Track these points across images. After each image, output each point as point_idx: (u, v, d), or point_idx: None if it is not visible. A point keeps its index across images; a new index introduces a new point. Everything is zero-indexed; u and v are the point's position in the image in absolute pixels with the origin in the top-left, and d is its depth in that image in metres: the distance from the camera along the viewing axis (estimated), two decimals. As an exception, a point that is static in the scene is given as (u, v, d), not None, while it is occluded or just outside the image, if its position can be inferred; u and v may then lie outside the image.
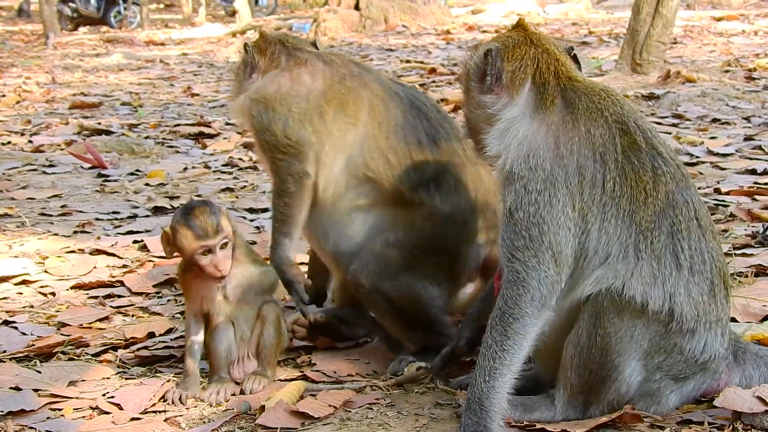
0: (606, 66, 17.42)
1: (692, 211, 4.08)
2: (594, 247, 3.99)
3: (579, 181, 4.00)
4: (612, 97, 4.19)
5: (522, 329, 3.98)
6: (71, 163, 10.88)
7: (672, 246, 4.01)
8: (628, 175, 4.02)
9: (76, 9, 42.83)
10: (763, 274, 5.93)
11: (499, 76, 4.16)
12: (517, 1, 37.38)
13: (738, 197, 7.93)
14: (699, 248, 4.05)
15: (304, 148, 5.01)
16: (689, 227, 4.04)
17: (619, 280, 3.97)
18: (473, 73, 4.23)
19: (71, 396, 4.65)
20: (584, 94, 4.15)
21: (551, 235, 3.96)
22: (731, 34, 25.58)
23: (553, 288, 3.99)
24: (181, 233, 4.58)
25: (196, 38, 34.88)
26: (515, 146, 4.08)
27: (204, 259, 4.58)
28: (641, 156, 4.07)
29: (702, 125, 11.93)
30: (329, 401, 4.44)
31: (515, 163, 4.05)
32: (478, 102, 4.23)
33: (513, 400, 4.13)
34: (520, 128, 4.11)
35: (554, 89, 4.15)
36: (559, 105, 4.12)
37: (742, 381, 4.25)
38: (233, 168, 10.55)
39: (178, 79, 21.16)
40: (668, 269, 3.99)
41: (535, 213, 3.97)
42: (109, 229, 7.91)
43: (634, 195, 4.01)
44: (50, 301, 6.15)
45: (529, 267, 3.98)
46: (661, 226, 4.01)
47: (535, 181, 3.99)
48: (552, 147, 4.03)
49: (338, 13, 30.83)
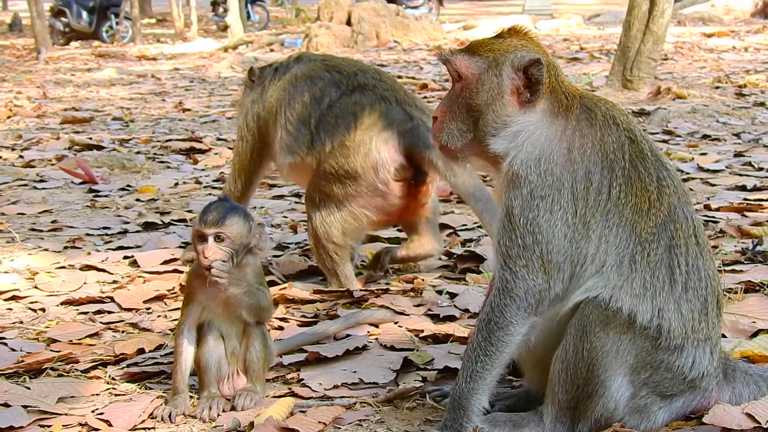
0: (597, 82, 17.48)
1: (691, 227, 4.09)
2: (593, 254, 3.99)
3: (586, 186, 3.99)
4: (618, 107, 4.20)
5: (506, 337, 4.02)
6: (62, 179, 10.88)
7: (668, 260, 4.00)
8: (634, 184, 4.02)
9: (68, 24, 42.87)
10: (752, 290, 5.94)
11: (539, 90, 4.08)
12: (509, 17, 37.49)
13: (728, 213, 7.96)
14: (696, 265, 4.05)
15: None
16: (687, 243, 4.04)
17: (609, 289, 3.97)
18: (506, 86, 4.09)
19: (60, 412, 4.64)
20: (598, 101, 4.17)
21: (544, 244, 3.96)
22: (722, 50, 25.68)
23: (541, 297, 4.00)
24: (195, 219, 4.73)
25: (188, 53, 34.88)
26: (528, 147, 4.04)
27: (198, 245, 4.64)
28: (647, 165, 4.07)
29: (692, 141, 11.97)
30: (319, 418, 4.44)
31: (524, 165, 4.02)
32: (500, 113, 4.11)
33: (501, 416, 4.16)
34: (536, 131, 4.07)
35: (572, 96, 4.14)
36: (577, 111, 4.10)
37: (732, 398, 4.25)
38: (224, 184, 10.52)
39: (170, 94, 21.15)
40: (661, 283, 3.99)
41: (533, 219, 3.97)
42: (99, 245, 7.90)
43: (638, 204, 4.01)
44: (40, 317, 6.14)
45: (518, 277, 3.99)
46: (660, 239, 4.01)
47: (542, 186, 3.98)
48: (565, 152, 4.02)
49: (330, 29, 30.86)
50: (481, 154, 4.23)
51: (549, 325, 4.11)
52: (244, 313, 4.72)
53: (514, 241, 4.00)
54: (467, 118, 4.17)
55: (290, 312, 6.14)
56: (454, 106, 4.19)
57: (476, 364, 4.06)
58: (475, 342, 4.08)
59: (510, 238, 4.01)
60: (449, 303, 6.14)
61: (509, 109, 4.09)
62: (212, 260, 4.60)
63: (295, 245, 7.80)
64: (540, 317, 4.06)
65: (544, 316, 4.07)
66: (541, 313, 4.05)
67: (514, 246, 4.00)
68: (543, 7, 47.36)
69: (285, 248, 7.73)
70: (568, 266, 4.01)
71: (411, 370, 5.07)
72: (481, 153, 4.22)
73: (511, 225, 4.01)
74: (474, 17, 43.49)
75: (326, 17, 32.44)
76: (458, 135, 4.19)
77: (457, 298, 6.21)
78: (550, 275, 3.99)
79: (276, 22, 50.64)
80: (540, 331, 4.11)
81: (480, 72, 4.13)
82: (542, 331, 4.11)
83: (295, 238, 7.94)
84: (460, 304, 6.08)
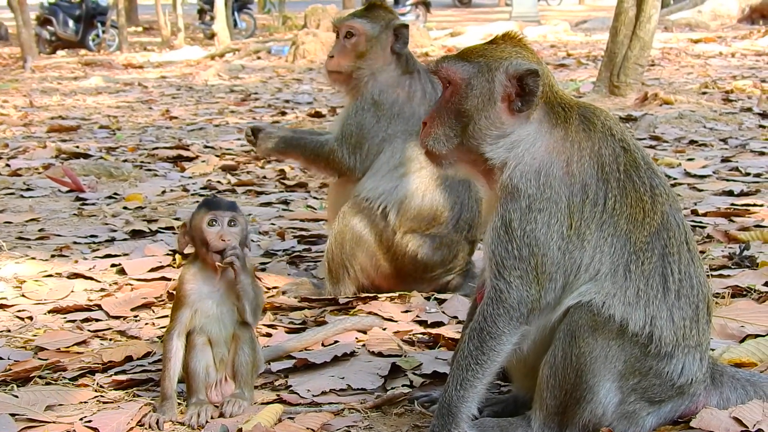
0: (584, 88, 17.52)
1: (683, 234, 4.10)
2: (587, 264, 3.99)
3: (582, 199, 3.98)
4: (612, 116, 4.21)
5: (497, 347, 4.02)
6: (49, 187, 10.85)
7: (662, 269, 4.01)
8: (629, 194, 4.02)
9: (55, 32, 42.79)
10: (739, 295, 5.96)
11: (532, 101, 4.06)
12: (496, 24, 37.56)
13: (715, 218, 7.98)
14: (688, 272, 4.07)
15: None
16: (680, 251, 4.05)
17: (602, 296, 3.97)
18: (497, 93, 4.07)
19: (48, 420, 4.62)
20: (595, 111, 4.17)
21: (540, 256, 3.96)
22: (708, 56, 25.77)
23: (533, 307, 4.00)
24: (197, 211, 4.72)
25: (175, 61, 34.84)
26: (528, 159, 4.03)
27: (211, 231, 4.65)
28: (641, 174, 4.07)
29: (679, 147, 12.01)
30: (307, 424, 4.43)
31: (524, 177, 4.01)
32: (492, 121, 4.09)
33: (489, 422, 4.16)
34: (536, 142, 4.05)
35: (569, 106, 4.13)
36: (576, 122, 4.09)
37: (719, 403, 4.25)
38: (211, 191, 10.53)
39: (157, 102, 21.14)
40: (654, 291, 3.99)
41: (531, 232, 3.96)
42: (86, 253, 7.88)
43: (632, 214, 4.01)
44: (27, 325, 6.12)
45: (512, 287, 3.99)
46: (654, 248, 4.01)
47: (540, 199, 3.97)
48: (563, 165, 4.01)
49: (317, 36, 30.86)
50: (471, 162, 4.21)
51: (541, 333, 4.11)
52: (247, 306, 4.71)
53: (510, 252, 3.99)
54: (455, 123, 4.14)
55: (278, 319, 6.13)
56: (442, 112, 4.18)
57: (467, 372, 4.06)
58: (466, 350, 4.07)
59: (506, 249, 4.00)
60: (437, 309, 6.14)
61: (503, 117, 4.08)
62: (233, 242, 4.61)
63: (282, 252, 7.79)
64: (531, 326, 4.06)
65: (535, 324, 4.07)
66: (532, 322, 4.05)
67: (510, 257, 3.99)
68: (530, 13, 47.43)
69: (273, 255, 7.72)
70: (561, 276, 4.01)
71: (399, 376, 5.07)
72: (472, 160, 4.19)
73: (507, 236, 4.00)
74: (461, 24, 43.53)
75: (313, 24, 32.50)
76: (444, 140, 4.17)
77: (445, 304, 6.22)
78: (542, 286, 3.99)
79: (263, 29, 50.67)
80: (532, 340, 4.11)
81: (470, 77, 4.11)
82: (534, 340, 4.11)
83: (283, 246, 7.93)
84: (449, 310, 6.08)
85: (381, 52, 6.59)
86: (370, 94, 6.50)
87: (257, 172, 11.66)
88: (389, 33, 6.57)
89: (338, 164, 6.59)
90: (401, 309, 6.17)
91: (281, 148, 6.76)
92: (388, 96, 6.47)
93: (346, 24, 6.65)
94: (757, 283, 6.11)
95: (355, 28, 6.60)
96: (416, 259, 6.39)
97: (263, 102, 20.19)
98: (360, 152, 6.47)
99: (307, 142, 6.72)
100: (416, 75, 6.58)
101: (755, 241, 7.12)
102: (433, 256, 6.40)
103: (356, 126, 6.47)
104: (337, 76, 6.71)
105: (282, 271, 7.24)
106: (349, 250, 6.44)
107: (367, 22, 6.59)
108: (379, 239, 6.40)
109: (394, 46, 6.57)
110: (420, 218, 6.33)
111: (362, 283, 6.55)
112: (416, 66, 6.62)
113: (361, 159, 6.50)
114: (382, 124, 6.44)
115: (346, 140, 6.51)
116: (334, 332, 5.65)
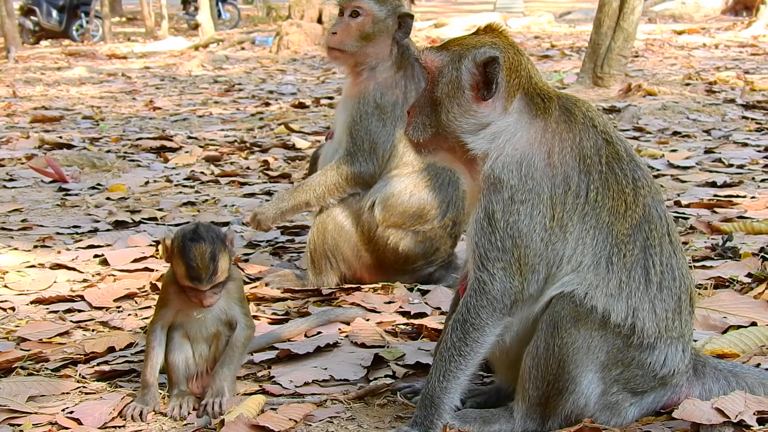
0: (568, 79, 17.52)
1: (665, 226, 4.10)
2: (569, 255, 4.00)
3: (564, 190, 3.99)
4: (593, 108, 4.21)
5: (480, 338, 4.03)
6: (32, 177, 10.83)
7: (644, 261, 4.02)
8: (611, 186, 4.03)
9: (38, 22, 42.68)
10: (722, 286, 5.97)
11: (499, 87, 4.06)
12: (480, 15, 37.56)
13: (698, 210, 8.00)
14: (670, 264, 4.07)
15: None
16: (662, 243, 4.06)
17: (583, 287, 3.97)
18: (465, 81, 4.09)
19: (30, 411, 4.61)
20: (576, 102, 4.17)
21: (523, 247, 3.96)
22: (692, 47, 25.84)
23: (516, 299, 4.01)
24: (176, 263, 4.51)
25: (159, 51, 34.81)
26: (509, 150, 4.03)
27: (191, 292, 4.53)
28: (623, 167, 4.07)
29: (663, 138, 12.02)
30: (290, 415, 4.42)
31: (506, 168, 4.01)
32: (465, 109, 4.10)
33: (472, 413, 4.16)
34: (516, 132, 4.06)
35: (548, 97, 4.12)
36: (557, 113, 4.10)
37: (702, 394, 4.26)
38: (195, 182, 10.51)
39: (141, 92, 21.10)
40: (636, 283, 4.00)
41: (514, 224, 3.96)
42: (69, 244, 7.86)
43: (614, 207, 4.02)
44: (10, 315, 6.11)
45: (496, 279, 3.99)
46: (636, 240, 4.02)
47: (522, 191, 3.98)
48: (545, 156, 4.02)
49: (301, 27, 30.84)
50: (450, 150, 4.22)
51: (524, 324, 4.11)
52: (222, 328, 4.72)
53: (493, 243, 4.00)
54: (431, 111, 4.17)
55: (261, 310, 6.13)
56: (422, 101, 4.21)
57: (450, 363, 4.06)
58: (449, 342, 4.07)
59: (489, 241, 4.01)
60: (420, 300, 6.14)
61: (473, 105, 4.09)
62: (213, 304, 4.56)
63: (266, 243, 7.78)
64: (514, 317, 4.07)
65: (518, 316, 4.07)
66: (515, 314, 4.06)
67: (493, 249, 4.00)
68: (514, 4, 47.43)
69: (256, 246, 7.71)
70: (543, 268, 4.02)
71: (381, 367, 5.07)
72: (451, 148, 4.21)
73: (491, 228, 4.01)
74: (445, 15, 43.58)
75: (297, 15, 32.41)
76: (422, 128, 4.19)
77: (428, 295, 6.22)
78: (525, 277, 4.00)
79: (247, 20, 50.65)
80: (514, 332, 4.12)
81: (442, 65, 4.13)
82: (516, 331, 4.12)
83: (266, 236, 7.92)
84: (432, 301, 6.09)
85: (384, 38, 6.50)
86: (372, 97, 6.42)
87: (241, 163, 11.65)
88: (394, 19, 6.51)
89: (361, 176, 6.44)
90: (384, 300, 6.17)
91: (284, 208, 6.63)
92: (388, 98, 6.42)
93: (355, 3, 6.58)
94: (739, 274, 6.12)
95: (363, 8, 6.53)
96: (397, 251, 6.38)
97: (247, 93, 20.16)
98: (376, 156, 6.37)
99: (306, 185, 6.59)
100: (410, 70, 6.52)
101: (738, 233, 7.13)
102: (415, 249, 6.39)
103: (365, 132, 6.39)
104: (338, 54, 6.62)
105: (265, 262, 7.25)
106: (331, 240, 6.43)
107: (375, 3, 6.53)
108: (361, 230, 6.40)
109: (396, 35, 6.51)
110: (405, 215, 6.31)
111: (345, 274, 6.54)
112: (410, 59, 6.55)
113: (378, 163, 6.40)
114: (388, 127, 6.38)
115: (360, 148, 6.42)
116: (318, 324, 5.65)
